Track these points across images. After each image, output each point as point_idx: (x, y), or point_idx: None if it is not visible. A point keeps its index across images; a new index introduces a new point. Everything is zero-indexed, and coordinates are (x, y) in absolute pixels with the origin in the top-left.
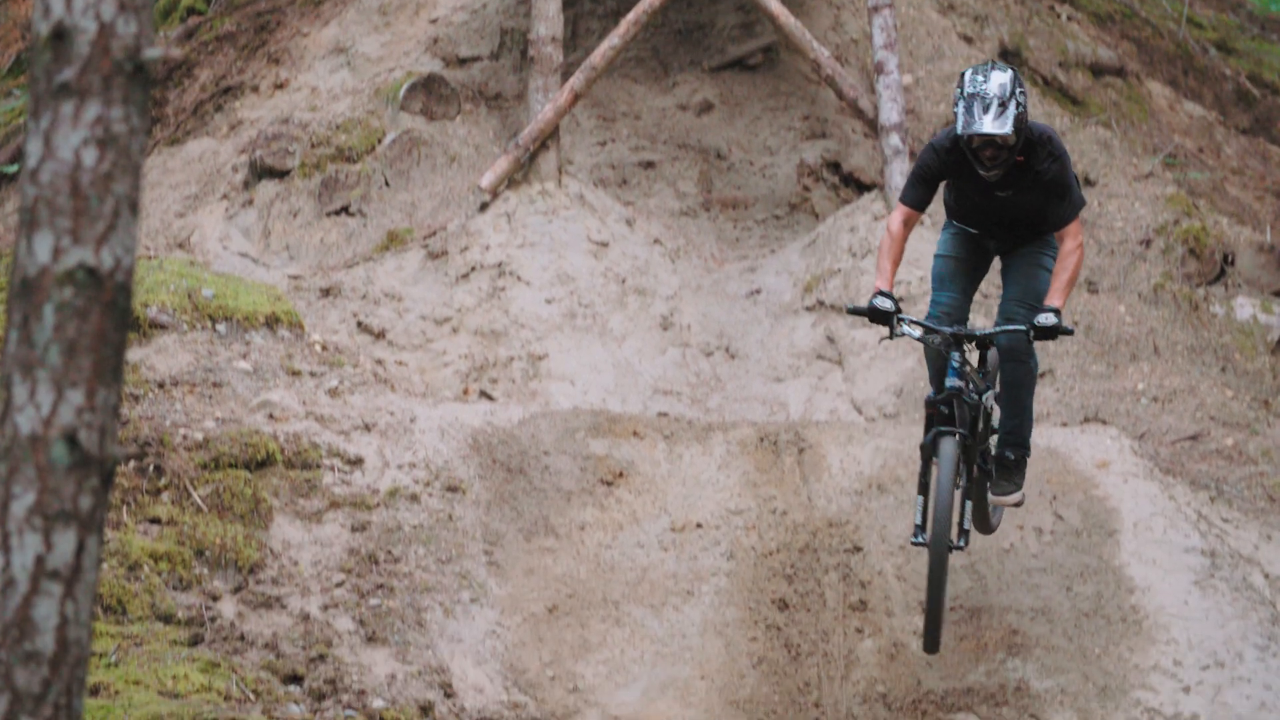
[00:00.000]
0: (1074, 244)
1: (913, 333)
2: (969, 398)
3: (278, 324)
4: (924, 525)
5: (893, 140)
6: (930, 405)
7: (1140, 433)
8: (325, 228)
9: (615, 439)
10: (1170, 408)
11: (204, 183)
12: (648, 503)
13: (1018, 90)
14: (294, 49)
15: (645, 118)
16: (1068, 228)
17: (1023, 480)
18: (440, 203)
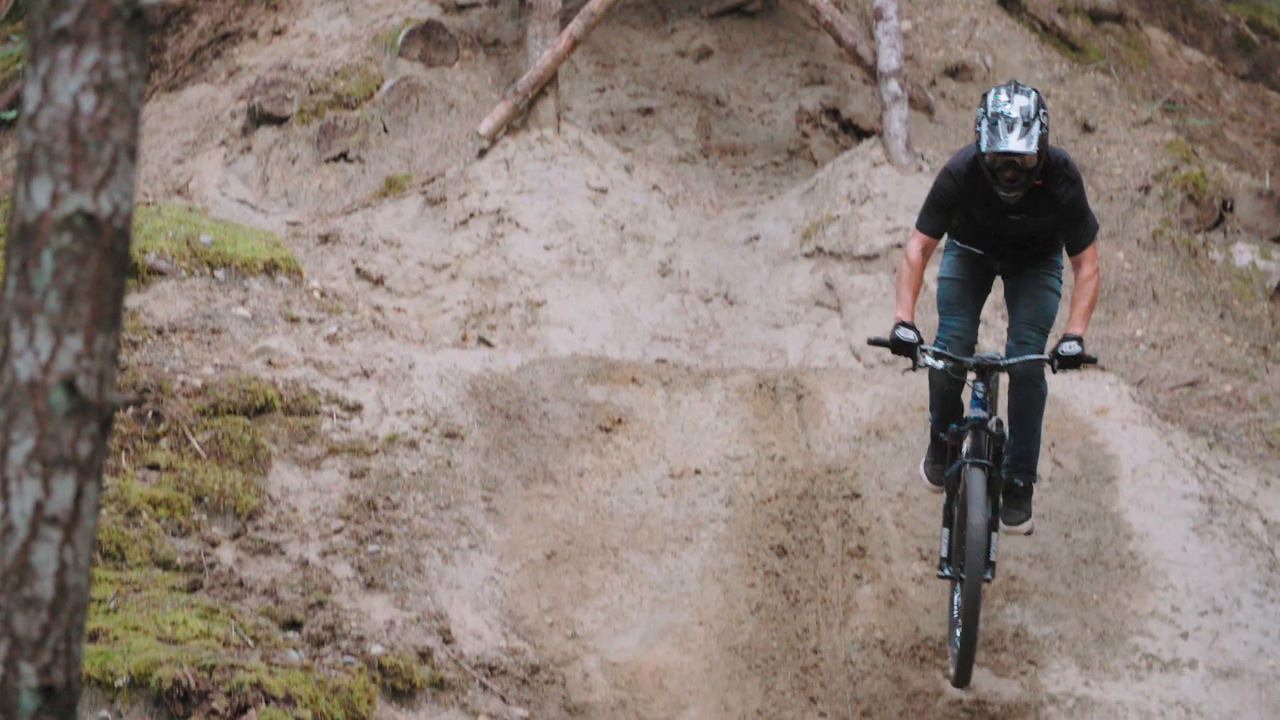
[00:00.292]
0: (1091, 269)
1: (937, 364)
2: (992, 428)
3: (276, 270)
4: (949, 558)
5: (891, 86)
6: (954, 437)
7: (1139, 379)
8: (324, 174)
9: (614, 385)
10: (1169, 354)
11: (202, 129)
12: (646, 449)
13: (1041, 112)
14: None
15: (644, 64)
16: (1084, 253)
17: (1031, 508)
18: (439, 149)
